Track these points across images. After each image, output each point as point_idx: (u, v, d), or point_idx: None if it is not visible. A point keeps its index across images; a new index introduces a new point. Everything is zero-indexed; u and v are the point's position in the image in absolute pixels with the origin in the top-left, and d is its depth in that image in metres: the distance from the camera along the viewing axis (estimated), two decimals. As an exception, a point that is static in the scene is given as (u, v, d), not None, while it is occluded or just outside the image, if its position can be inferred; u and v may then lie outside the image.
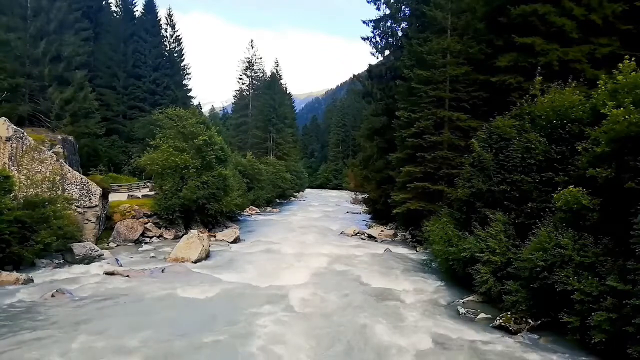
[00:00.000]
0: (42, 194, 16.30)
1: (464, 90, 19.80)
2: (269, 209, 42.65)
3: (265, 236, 23.95)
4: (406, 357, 8.29)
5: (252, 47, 69.40)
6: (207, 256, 17.12)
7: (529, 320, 9.55)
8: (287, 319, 10.09)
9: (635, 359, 7.23)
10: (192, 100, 54.59)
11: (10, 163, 16.84)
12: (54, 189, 17.34)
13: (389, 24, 28.41)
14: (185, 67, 53.12)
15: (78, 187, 18.33)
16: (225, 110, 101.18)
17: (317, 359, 8.17)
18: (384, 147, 26.44)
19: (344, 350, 8.52)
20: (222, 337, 8.87)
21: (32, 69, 29.49)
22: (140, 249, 19.09)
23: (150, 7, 48.26)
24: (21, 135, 17.39)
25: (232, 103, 78.98)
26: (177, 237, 20.86)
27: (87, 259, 15.42)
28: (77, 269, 14.41)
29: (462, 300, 11.78)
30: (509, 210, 11.72)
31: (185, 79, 52.78)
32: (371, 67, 30.24)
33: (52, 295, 11.15)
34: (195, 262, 16.15)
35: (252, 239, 22.92)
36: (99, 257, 15.80)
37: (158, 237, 21.44)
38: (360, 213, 37.38)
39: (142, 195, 25.89)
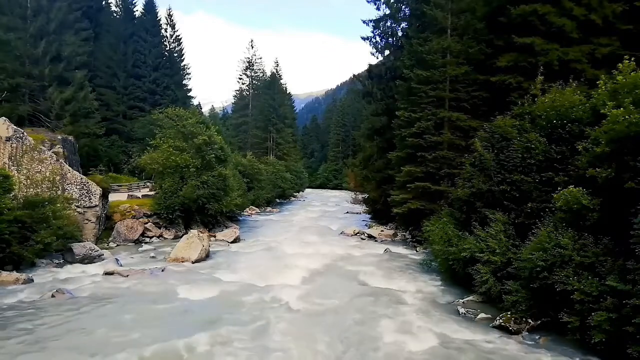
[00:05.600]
0: (42, 194, 16.31)
1: (463, 90, 19.79)
2: (269, 209, 42.65)
3: (265, 236, 23.97)
4: (406, 357, 8.28)
5: (252, 47, 69.58)
6: (207, 256, 17.12)
7: (529, 320, 9.54)
8: (286, 319, 10.09)
9: (635, 359, 7.22)
10: (192, 100, 54.72)
11: (10, 163, 16.84)
12: (54, 189, 17.35)
13: (389, 24, 28.41)
14: (185, 67, 53.23)
15: (78, 187, 18.34)
16: (225, 110, 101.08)
17: (316, 358, 8.17)
18: (384, 147, 26.41)
19: (344, 350, 8.51)
20: (223, 337, 8.86)
21: (32, 69, 29.52)
22: (140, 249, 19.09)
23: (150, 7, 48.30)
24: (21, 135, 17.39)
25: (232, 103, 79.06)
26: (177, 237, 20.87)
27: (87, 259, 15.42)
28: (77, 269, 14.43)
29: (462, 300, 11.77)
30: (509, 210, 11.71)
31: (185, 79, 52.89)
32: (371, 67, 30.22)
33: (52, 295, 11.16)
34: (195, 262, 16.15)
35: (252, 239, 22.93)
36: (99, 257, 15.80)
37: (158, 237, 21.45)
38: (360, 213, 37.36)
39: (142, 195, 25.90)
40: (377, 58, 29.69)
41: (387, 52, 29.23)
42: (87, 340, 8.46)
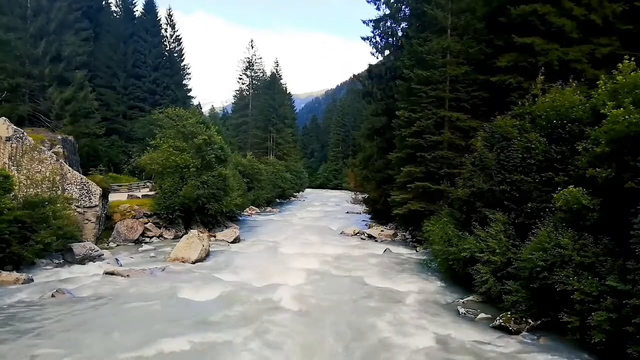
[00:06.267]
0: (42, 194, 16.29)
1: (463, 90, 19.79)
2: (269, 209, 42.65)
3: (265, 236, 23.97)
4: (406, 357, 8.28)
5: (252, 47, 69.58)
6: (207, 256, 17.12)
7: (529, 320, 9.54)
8: (286, 319, 10.09)
9: (635, 359, 7.22)
10: (192, 100, 54.73)
11: (10, 163, 16.84)
12: (54, 189, 17.34)
13: (389, 23, 28.40)
14: (185, 67, 53.23)
15: (78, 187, 18.34)
16: (225, 110, 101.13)
17: (316, 358, 8.17)
18: (384, 147, 26.42)
19: (344, 350, 8.51)
20: (222, 337, 8.86)
21: (32, 69, 29.54)
22: (140, 249, 19.08)
23: (150, 7, 48.32)
24: (21, 135, 17.39)
25: (232, 103, 79.06)
26: (177, 237, 20.87)
27: (87, 259, 15.42)
28: (77, 269, 14.42)
29: (462, 300, 11.77)
30: (509, 210, 11.72)
31: (185, 79, 52.90)
32: (371, 67, 30.22)
33: (52, 295, 11.16)
34: (195, 262, 16.15)
35: (252, 239, 22.93)
36: (99, 257, 15.80)
37: (158, 237, 21.44)
38: (360, 213, 37.37)
39: (142, 195, 25.91)
40: (377, 58, 29.73)
41: (387, 52, 29.23)
42: (87, 340, 8.45)
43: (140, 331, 8.96)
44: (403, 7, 27.58)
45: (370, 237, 24.06)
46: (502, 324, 9.63)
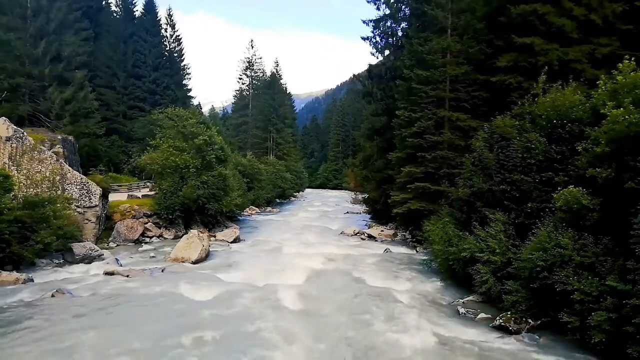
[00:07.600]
0: (42, 194, 16.30)
1: (464, 90, 19.80)
2: (269, 209, 42.66)
3: (265, 236, 23.97)
4: (406, 356, 8.28)
5: (252, 47, 69.59)
6: (207, 256, 17.12)
7: (529, 320, 9.54)
8: (286, 319, 10.08)
9: (635, 359, 7.22)
10: (192, 100, 54.77)
11: (10, 163, 16.84)
12: (54, 188, 17.35)
13: (389, 23, 28.40)
14: (185, 67, 53.26)
15: (78, 187, 18.34)
16: (225, 110, 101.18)
17: (316, 358, 8.17)
18: (384, 147, 26.42)
19: (344, 350, 8.50)
20: (222, 337, 8.86)
21: (32, 69, 29.57)
22: (140, 249, 19.08)
23: (150, 7, 48.37)
24: (21, 135, 17.39)
25: (232, 103, 79.09)
26: (177, 237, 20.87)
27: (87, 259, 15.42)
28: (77, 269, 14.43)
29: (462, 300, 11.77)
30: (509, 210, 11.72)
31: (185, 79, 52.95)
32: (371, 67, 30.21)
33: (52, 295, 11.16)
34: (195, 262, 16.15)
35: (252, 239, 22.93)
36: (99, 257, 15.79)
37: (158, 237, 21.44)
38: (360, 213, 37.37)
39: (142, 195, 25.91)
40: (377, 58, 29.71)
41: (387, 52, 29.22)
42: (87, 340, 8.45)
43: (140, 331, 8.96)
44: (403, 7, 27.58)
45: (370, 237, 24.06)
46: (502, 324, 9.63)
